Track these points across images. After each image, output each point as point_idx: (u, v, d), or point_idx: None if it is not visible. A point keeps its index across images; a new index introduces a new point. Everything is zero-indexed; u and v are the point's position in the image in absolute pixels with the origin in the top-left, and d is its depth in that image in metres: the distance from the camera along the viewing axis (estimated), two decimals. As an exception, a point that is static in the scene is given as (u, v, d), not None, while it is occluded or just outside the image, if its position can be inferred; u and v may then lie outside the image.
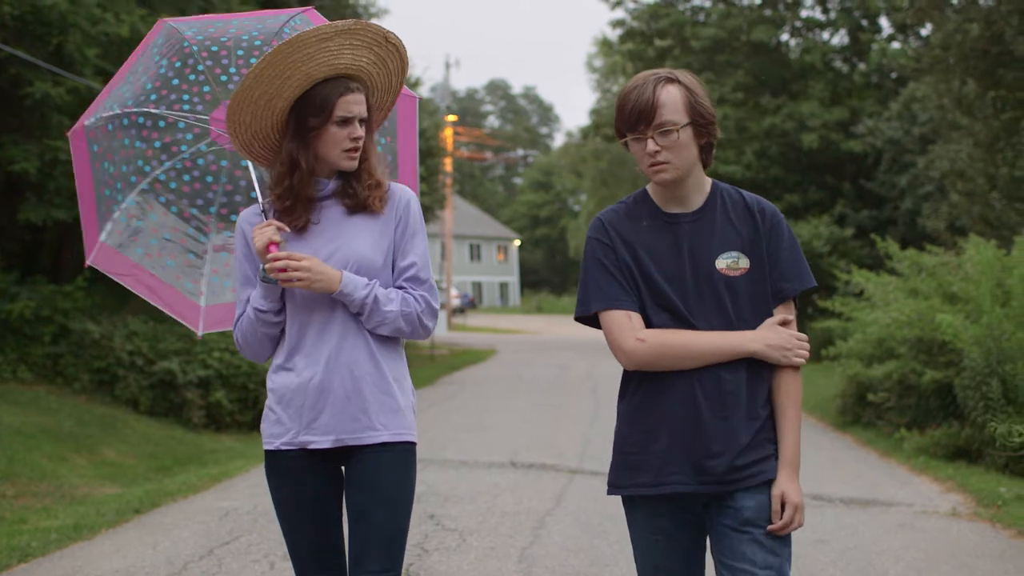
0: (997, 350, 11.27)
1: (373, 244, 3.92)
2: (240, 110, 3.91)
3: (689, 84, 3.56)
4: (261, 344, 4.00)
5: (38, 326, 17.63)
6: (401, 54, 3.97)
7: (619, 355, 3.57)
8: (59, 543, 8.12)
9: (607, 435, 12.28)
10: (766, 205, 3.68)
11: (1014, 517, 8.53)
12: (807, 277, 3.65)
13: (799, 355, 3.56)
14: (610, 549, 7.58)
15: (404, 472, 3.90)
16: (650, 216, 3.65)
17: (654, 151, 3.52)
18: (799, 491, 3.54)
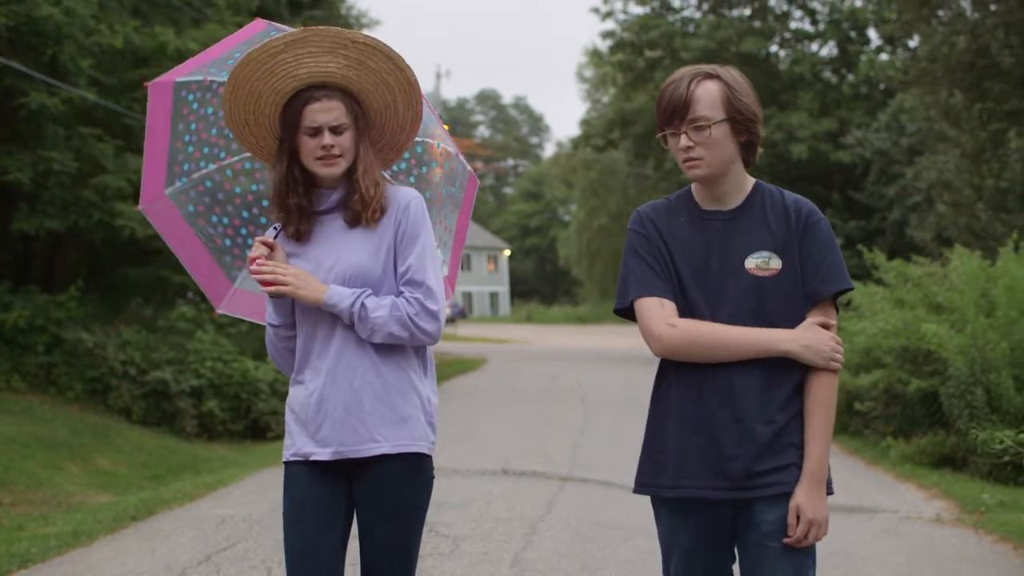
0: (981, 359, 11.44)
1: (371, 254, 3.89)
2: (241, 136, 4.01)
3: (730, 81, 3.55)
4: (283, 357, 4.07)
5: (31, 336, 17.72)
6: (384, 52, 3.88)
7: (649, 340, 3.55)
8: (58, 549, 8.22)
9: (597, 443, 12.47)
10: (803, 204, 3.62)
11: (996, 523, 8.68)
12: (842, 279, 3.57)
13: (835, 359, 3.49)
14: (601, 554, 7.72)
15: (409, 485, 3.87)
16: (688, 212, 3.64)
17: (687, 146, 3.52)
18: (818, 505, 3.46)
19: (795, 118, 34.31)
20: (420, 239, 3.94)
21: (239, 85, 3.85)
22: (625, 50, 38.99)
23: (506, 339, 50.09)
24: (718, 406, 3.47)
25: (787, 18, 39.01)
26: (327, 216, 3.96)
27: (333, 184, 3.95)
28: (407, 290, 3.88)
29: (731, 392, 3.47)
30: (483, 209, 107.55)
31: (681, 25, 38.29)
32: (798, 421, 3.51)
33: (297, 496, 3.91)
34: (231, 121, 3.97)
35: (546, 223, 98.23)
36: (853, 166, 33.56)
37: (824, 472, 3.49)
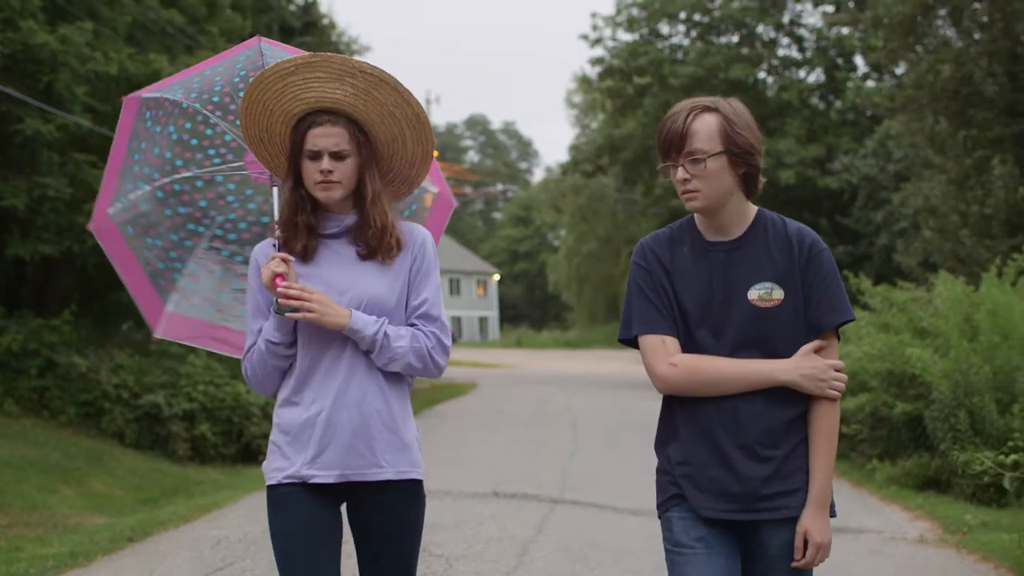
0: (964, 383, 11.63)
1: (387, 285, 3.93)
2: (257, 150, 4.05)
3: (729, 114, 3.57)
4: (270, 376, 3.98)
5: (25, 359, 17.82)
6: (390, 84, 3.89)
7: (653, 379, 3.62)
8: (56, 570, 8.36)
9: (586, 467, 12.65)
10: (807, 235, 3.66)
11: (978, 543, 8.85)
12: (845, 310, 3.62)
13: (834, 386, 3.56)
14: (592, 574, 7.88)
15: (411, 511, 3.93)
16: (691, 243, 3.67)
17: (683, 179, 3.56)
18: (824, 530, 3.54)
19: (783, 144, 34.59)
20: (434, 276, 4.01)
21: (253, 102, 3.90)
22: (614, 76, 39.28)
23: (496, 363, 50.18)
24: (724, 435, 3.53)
25: (775, 45, 39.37)
26: (335, 240, 3.97)
27: (343, 209, 3.96)
28: (422, 323, 3.94)
29: (736, 422, 3.53)
30: (472, 234, 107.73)
31: (670, 52, 38.58)
32: (804, 446, 3.58)
33: (294, 520, 3.87)
34: (247, 137, 4.00)
35: (535, 248, 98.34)
36: (840, 192, 33.81)
37: (828, 497, 3.57)
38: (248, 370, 4.01)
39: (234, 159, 4.59)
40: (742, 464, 3.51)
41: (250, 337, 4.02)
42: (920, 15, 21.48)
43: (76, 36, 17.12)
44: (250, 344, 4.01)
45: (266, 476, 3.96)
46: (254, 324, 4.01)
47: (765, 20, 38.38)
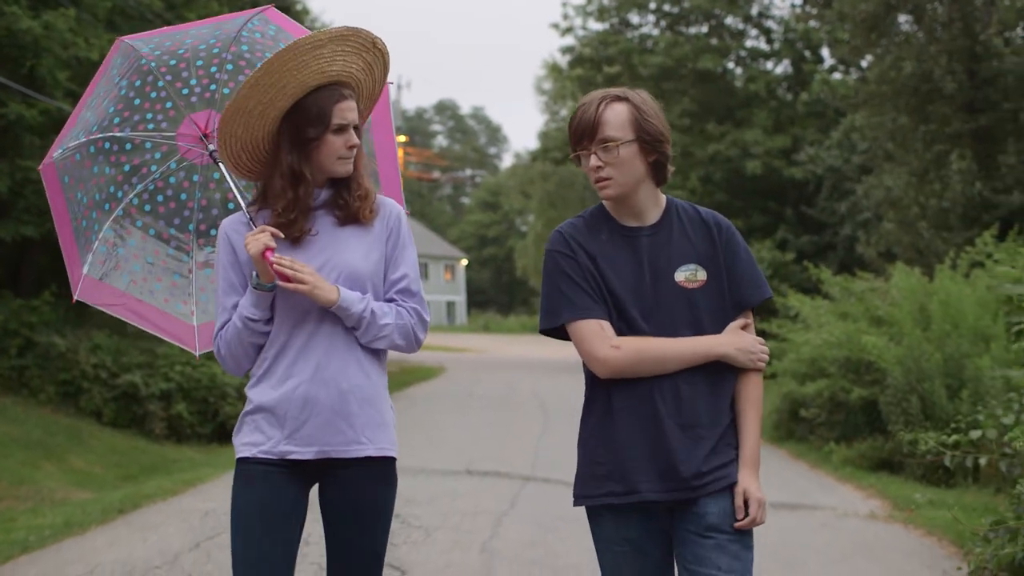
0: (917, 369, 12.21)
1: (363, 255, 3.88)
2: (233, 121, 3.84)
3: (639, 103, 3.63)
4: (246, 353, 3.90)
5: (5, 339, 18.10)
6: (386, 60, 3.95)
7: (594, 364, 3.62)
8: (54, 538, 8.78)
9: (556, 447, 13.17)
10: (721, 219, 3.78)
11: (925, 519, 9.40)
12: (764, 287, 3.76)
13: (762, 359, 3.69)
14: (563, 544, 8.37)
15: (385, 488, 3.88)
16: (609, 230, 3.71)
17: (596, 166, 3.61)
18: (760, 488, 3.63)
19: (750, 135, 35.01)
20: (410, 250, 3.99)
21: (271, 72, 3.76)
22: (584, 66, 39.51)
23: (463, 348, 50.57)
24: (667, 415, 3.57)
25: (743, 36, 39.77)
26: (315, 212, 3.91)
27: (321, 184, 3.90)
28: (402, 299, 3.92)
29: (679, 400, 3.58)
30: (440, 219, 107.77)
31: (639, 42, 38.90)
32: (733, 423, 3.69)
33: (257, 497, 3.81)
34: (237, 108, 3.81)
35: (503, 233, 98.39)
36: (806, 182, 34.24)
37: (759, 460, 3.68)
38: (222, 348, 3.92)
39: (168, 128, 4.42)
40: (683, 444, 3.56)
41: (223, 314, 3.92)
42: (883, 12, 21.99)
43: (59, 22, 17.40)
44: (223, 321, 3.92)
45: (237, 449, 3.89)
46: (227, 301, 3.91)
47: (734, 11, 38.77)
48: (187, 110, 4.38)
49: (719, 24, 39.57)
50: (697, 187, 34.34)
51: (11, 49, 17.17)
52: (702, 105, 36.92)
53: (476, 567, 7.64)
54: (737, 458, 3.66)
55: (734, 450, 3.67)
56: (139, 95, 4.43)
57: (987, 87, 21.57)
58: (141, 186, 4.45)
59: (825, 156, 33.44)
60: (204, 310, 4.54)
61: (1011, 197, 20.56)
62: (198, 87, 4.41)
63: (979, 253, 14.34)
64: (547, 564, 7.75)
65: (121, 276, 4.51)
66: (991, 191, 20.84)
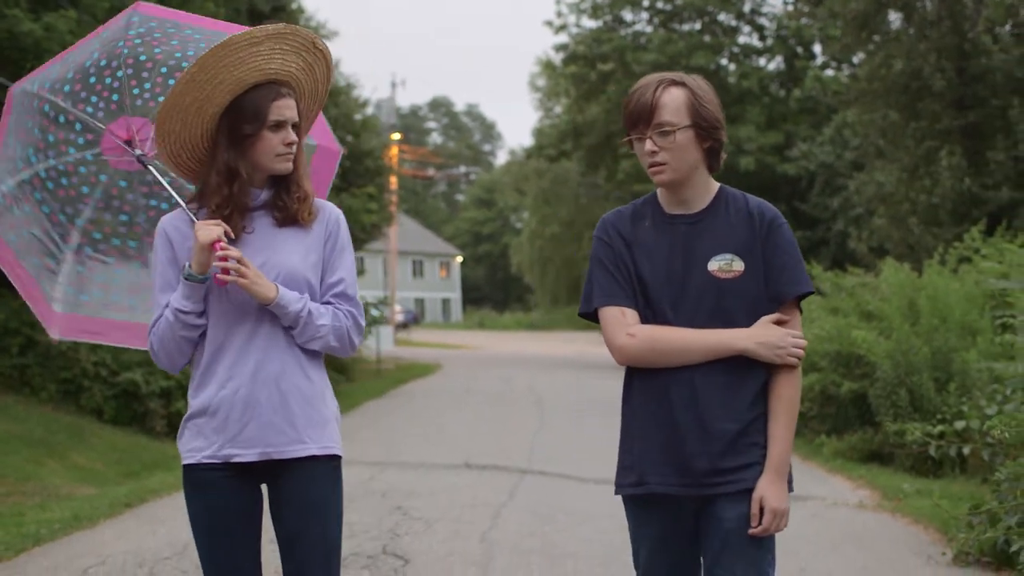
0: (905, 363, 12.45)
1: (302, 257, 3.88)
2: (170, 118, 3.81)
3: (695, 88, 3.59)
4: (179, 348, 3.85)
5: (6, 338, 18.26)
6: (327, 61, 3.95)
7: (612, 350, 3.64)
8: (64, 531, 8.98)
9: (552, 442, 13.45)
10: (767, 209, 3.69)
11: (912, 508, 9.63)
12: (803, 282, 3.63)
13: (793, 353, 3.56)
14: (560, 535, 8.60)
15: (333, 486, 3.87)
16: (653, 217, 3.69)
17: (652, 151, 3.57)
18: (781, 497, 3.53)
19: (743, 131, 35.27)
20: (348, 253, 3.98)
21: (206, 68, 3.74)
22: (578, 63, 39.78)
23: (459, 345, 50.79)
24: (682, 408, 3.53)
25: (736, 33, 40.07)
26: (254, 214, 3.90)
27: (261, 183, 3.90)
28: (338, 303, 3.92)
29: (694, 394, 3.53)
30: (435, 216, 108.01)
31: (633, 39, 39.15)
32: (762, 421, 3.58)
33: (213, 502, 3.82)
34: (172, 105, 3.79)
35: (498, 230, 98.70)
36: (799, 178, 34.54)
37: (786, 467, 3.58)
38: (155, 343, 3.89)
39: (104, 119, 4.37)
40: (698, 439, 3.52)
41: (156, 310, 3.89)
42: (873, 11, 22.27)
43: (60, 24, 17.60)
44: (156, 318, 3.88)
45: (182, 455, 3.88)
46: (161, 298, 3.88)
47: (727, 8, 39.06)
48: (128, 111, 4.36)
49: (712, 21, 39.89)
50: (691, 183, 34.57)
51: (12, 51, 17.35)
52: (696, 102, 37.12)
53: (476, 556, 7.87)
54: (763, 462, 3.56)
55: (760, 451, 3.58)
56: (97, 75, 4.38)
57: (976, 84, 21.89)
58: (54, 162, 4.41)
59: (818, 152, 33.74)
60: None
61: (999, 193, 20.87)
62: (147, 94, 4.37)
63: (967, 248, 14.60)
64: (545, 553, 7.98)
65: (92, 303, 4.48)
66: (980, 187, 21.13)
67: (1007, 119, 21.70)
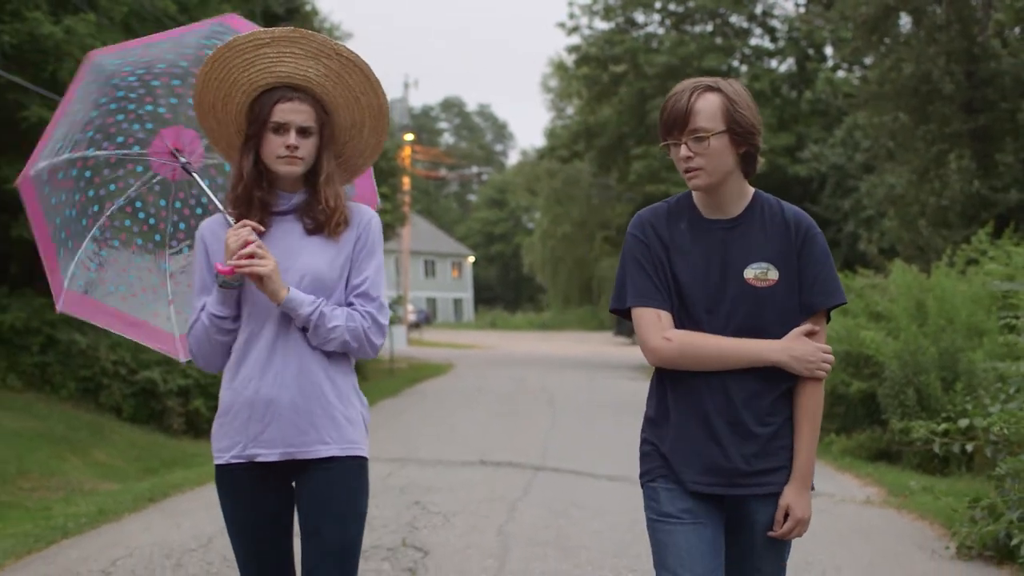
0: (913, 363, 12.70)
1: (329, 262, 3.90)
2: (204, 117, 3.97)
3: (731, 94, 3.60)
4: (215, 351, 3.95)
5: (27, 336, 18.54)
6: (363, 71, 3.91)
7: (645, 352, 3.66)
8: (90, 524, 9.24)
9: (564, 440, 13.71)
10: (803, 218, 3.70)
11: (918, 504, 9.85)
12: (837, 293, 3.65)
13: (822, 368, 3.59)
14: (573, 528, 8.83)
15: (355, 486, 3.89)
16: (689, 220, 3.70)
17: (687, 156, 3.57)
18: (805, 506, 3.61)
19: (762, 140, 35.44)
20: (377, 256, 3.98)
21: (217, 67, 3.83)
22: (590, 64, 40.06)
23: (471, 344, 50.99)
24: (715, 411, 3.58)
25: (747, 35, 40.24)
26: (283, 218, 3.94)
27: (292, 187, 3.94)
28: (360, 303, 3.93)
29: (728, 399, 3.57)
30: (447, 216, 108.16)
31: (644, 41, 39.35)
32: (788, 425, 3.63)
33: (244, 500, 3.90)
34: (198, 103, 3.94)
35: (510, 230, 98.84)
36: (810, 179, 34.65)
37: (811, 477, 3.65)
38: (193, 345, 3.98)
39: (140, 146, 4.47)
40: (730, 440, 3.57)
41: (193, 314, 3.98)
42: (883, 14, 22.47)
43: (80, 27, 17.85)
44: (193, 320, 3.97)
45: (214, 455, 3.95)
46: (198, 301, 3.97)
47: (738, 10, 39.24)
48: (158, 125, 4.45)
49: (724, 23, 40.07)
50: (702, 185, 34.76)
51: (33, 54, 17.61)
52: (708, 104, 37.28)
53: (493, 548, 8.11)
54: (790, 464, 3.63)
55: (787, 454, 3.64)
56: (110, 114, 4.46)
57: (985, 87, 22.07)
58: (121, 201, 4.53)
59: (829, 154, 33.84)
60: (181, 321, 4.60)
61: (1008, 195, 21.05)
62: (164, 102, 4.47)
63: (975, 250, 14.81)
64: (559, 545, 8.21)
65: (104, 290, 4.57)
66: (989, 189, 21.31)
67: (1016, 122, 21.87)
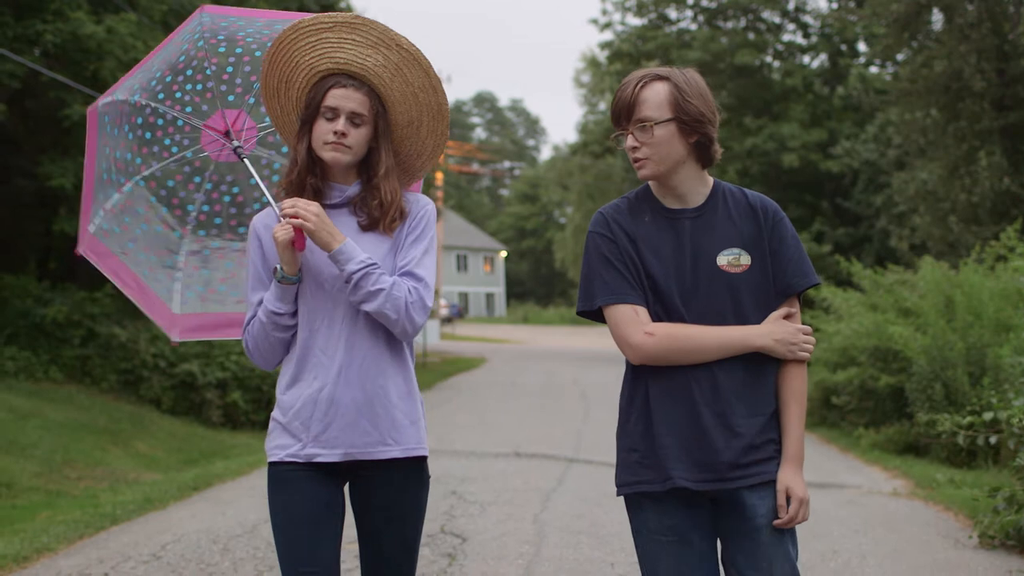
0: (941, 358, 12.89)
1: (383, 258, 3.81)
2: (269, 99, 3.94)
3: (680, 83, 3.53)
4: (272, 348, 3.87)
5: (69, 330, 18.93)
6: (423, 67, 3.82)
7: (626, 350, 3.56)
8: (138, 512, 9.54)
9: (598, 432, 13.98)
10: (768, 203, 3.66)
11: (943, 496, 10.06)
12: (810, 274, 3.62)
13: (804, 349, 3.56)
14: (607, 517, 9.08)
15: (415, 488, 3.84)
16: (652, 211, 3.63)
17: (632, 146, 3.54)
18: (803, 486, 3.53)
19: (786, 128, 35.57)
20: (425, 241, 3.87)
21: (281, 50, 3.80)
22: (623, 60, 40.16)
23: (503, 339, 51.24)
24: (704, 404, 3.49)
25: (780, 31, 40.28)
26: (337, 211, 3.85)
27: (345, 179, 3.87)
28: (405, 279, 3.79)
29: (716, 390, 3.50)
30: (479, 211, 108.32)
31: (677, 37, 39.47)
32: (776, 417, 3.58)
33: (294, 500, 3.76)
34: (264, 86, 3.90)
35: (542, 225, 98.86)
36: (842, 175, 34.75)
37: (802, 455, 3.58)
38: (249, 343, 3.90)
39: (199, 115, 4.42)
40: (719, 434, 3.48)
41: (250, 310, 3.91)
42: (914, 12, 22.59)
43: (121, 27, 18.22)
44: (250, 317, 3.90)
45: (268, 453, 3.85)
46: (253, 296, 3.90)
47: (771, 6, 39.31)
48: (221, 104, 4.39)
49: (756, 19, 40.08)
50: (735, 180, 34.79)
51: (76, 53, 17.98)
52: (740, 99, 37.48)
53: (529, 535, 8.37)
54: (778, 456, 3.57)
55: (776, 446, 3.57)
56: (146, 128, 4.45)
57: (1016, 85, 22.20)
58: (164, 162, 4.47)
59: (861, 150, 33.90)
60: (187, 302, 4.57)
61: (1038, 192, 21.17)
62: (239, 85, 4.42)
63: (1003, 247, 14.96)
64: (593, 533, 8.47)
65: (122, 244, 4.54)
66: (1019, 186, 21.44)
67: (1047, 120, 22.01)
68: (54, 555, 7.84)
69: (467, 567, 7.39)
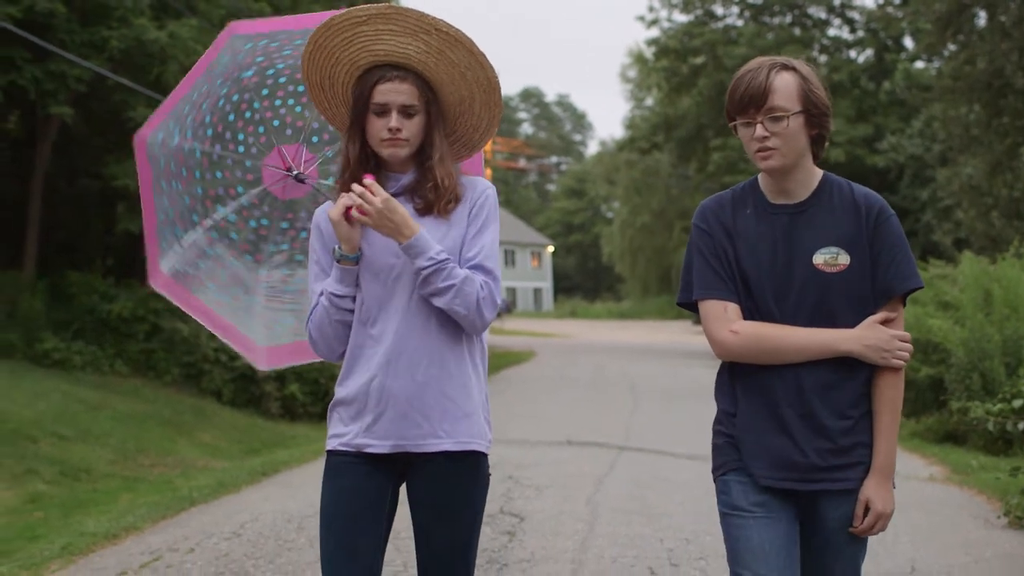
0: (978, 350, 13.33)
1: (441, 237, 3.71)
2: (316, 97, 3.87)
3: (806, 73, 3.45)
4: (336, 334, 3.78)
5: (133, 324, 19.62)
6: (466, 46, 3.69)
7: (713, 345, 3.53)
8: (213, 495, 10.11)
9: (646, 422, 14.58)
10: (874, 200, 3.49)
11: (978, 481, 10.49)
12: (913, 277, 3.45)
13: (899, 356, 3.41)
14: (657, 498, 9.59)
15: (469, 483, 3.70)
16: (755, 205, 3.55)
17: (762, 136, 3.42)
18: (887, 500, 3.43)
19: (833, 123, 35.72)
20: (491, 229, 3.79)
21: (318, 48, 3.71)
22: (669, 57, 40.53)
23: (551, 333, 51.70)
24: (787, 405, 3.42)
25: (826, 26, 40.54)
26: (395, 199, 3.71)
27: (400, 168, 3.79)
28: (476, 274, 3.70)
29: (800, 391, 3.42)
30: (527, 206, 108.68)
31: (723, 33, 39.78)
32: (866, 420, 3.45)
33: (343, 487, 3.70)
34: (307, 82, 3.83)
35: (589, 220, 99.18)
36: (888, 170, 34.93)
37: (892, 469, 3.46)
38: (313, 331, 3.82)
39: (257, 154, 4.46)
40: (803, 434, 3.41)
41: (312, 299, 3.84)
42: (956, 10, 22.90)
43: (183, 32, 18.83)
44: (312, 307, 3.83)
45: (327, 441, 3.83)
46: (316, 286, 3.84)
47: (817, 2, 39.57)
48: (277, 140, 4.41)
49: (802, 14, 40.35)
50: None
51: (140, 58, 18.63)
52: (786, 95, 37.62)
53: (584, 514, 8.89)
54: (868, 461, 3.45)
55: (866, 450, 3.45)
56: (235, 111, 4.46)
57: (1057, 83, 22.43)
58: (233, 205, 4.51)
59: (907, 144, 34.08)
60: (270, 335, 4.64)
61: (1078, 188, 21.47)
62: (249, 138, 4.44)
63: (1042, 242, 15.36)
64: (644, 513, 8.98)
65: (201, 285, 4.58)
66: (1060, 182, 21.75)
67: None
68: (141, 533, 8.41)
69: (526, 542, 7.91)
